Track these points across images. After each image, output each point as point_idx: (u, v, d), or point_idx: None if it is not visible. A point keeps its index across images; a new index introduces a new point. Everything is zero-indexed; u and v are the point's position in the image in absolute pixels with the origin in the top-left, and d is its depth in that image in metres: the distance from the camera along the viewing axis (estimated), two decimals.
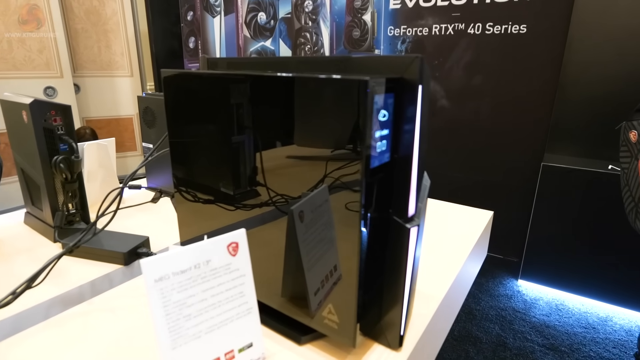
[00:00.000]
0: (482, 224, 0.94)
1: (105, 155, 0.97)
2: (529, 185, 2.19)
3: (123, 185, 0.63)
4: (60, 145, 0.77)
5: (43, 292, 0.63)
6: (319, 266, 0.50)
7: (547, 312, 2.00)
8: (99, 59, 3.52)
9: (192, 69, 3.57)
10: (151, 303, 0.41)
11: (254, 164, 0.52)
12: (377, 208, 0.47)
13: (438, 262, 0.75)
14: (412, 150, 0.45)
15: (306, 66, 0.51)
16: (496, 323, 1.92)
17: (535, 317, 1.96)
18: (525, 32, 2.10)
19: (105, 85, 3.57)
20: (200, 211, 0.62)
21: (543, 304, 2.07)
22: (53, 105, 0.76)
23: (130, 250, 0.72)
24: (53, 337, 0.54)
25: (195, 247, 0.44)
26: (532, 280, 2.23)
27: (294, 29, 2.90)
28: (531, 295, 2.15)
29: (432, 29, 2.34)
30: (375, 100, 0.40)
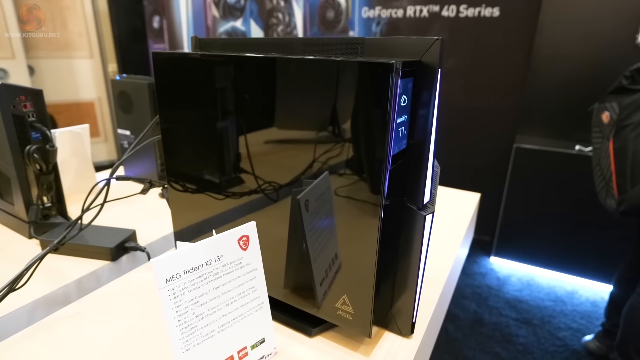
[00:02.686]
0: (472, 206, 0.95)
1: (80, 144, 0.91)
2: (501, 167, 2.26)
3: (109, 176, 0.58)
4: (32, 134, 0.71)
5: (24, 294, 0.58)
6: (323, 256, 0.49)
7: (519, 288, 2.10)
8: (55, 39, 3.28)
9: (157, 50, 3.40)
10: (163, 304, 0.38)
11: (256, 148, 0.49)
12: (392, 195, 0.45)
13: (437, 246, 0.76)
14: (429, 137, 0.43)
15: (314, 48, 0.48)
16: (472, 300, 2.00)
17: (508, 293, 2.06)
18: (498, 15, 2.13)
19: (63, 68, 3.33)
20: (195, 200, 0.58)
21: (515, 280, 2.17)
22: (23, 89, 0.69)
23: (117, 245, 0.68)
24: (42, 344, 0.50)
25: (206, 243, 0.41)
26: (504, 258, 2.33)
27: (266, 9, 2.81)
28: (504, 273, 2.24)
29: (407, 11, 2.32)
30: (398, 85, 0.38)
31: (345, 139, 0.42)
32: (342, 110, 0.41)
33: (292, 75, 0.44)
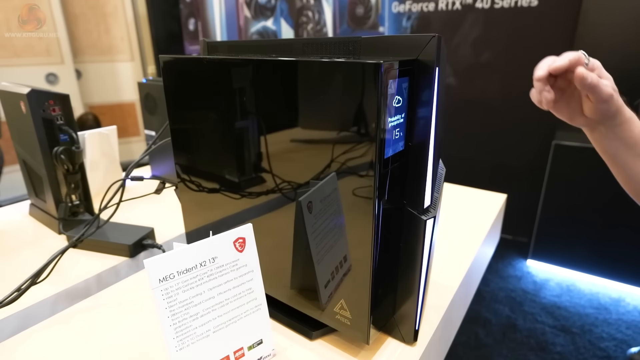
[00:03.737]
0: (496, 208, 0.91)
1: (107, 144, 0.95)
2: (539, 164, 2.14)
3: (125, 177, 0.61)
4: (60, 136, 0.75)
5: (48, 288, 0.61)
6: (328, 257, 0.48)
7: (558, 293, 1.99)
8: (99, 44, 3.47)
9: (192, 52, 3.51)
10: (156, 304, 0.39)
11: (259, 150, 0.50)
12: (391, 199, 0.44)
13: (452, 250, 0.73)
14: (428, 138, 0.42)
15: (313, 48, 0.47)
16: (506, 305, 1.91)
17: (545, 298, 1.95)
18: (536, 5, 2.01)
19: (107, 71, 3.52)
20: (204, 200, 0.60)
21: (553, 284, 2.06)
22: (51, 94, 0.73)
23: (135, 242, 0.71)
24: (59, 334, 0.53)
25: (201, 245, 0.42)
26: (542, 261, 2.21)
27: (296, 7, 2.82)
28: (541, 276, 2.13)
29: (439, 4, 2.25)
30: (389, 86, 0.37)
31: (339, 141, 0.41)
32: (333, 112, 0.40)
33: (284, 77, 0.43)
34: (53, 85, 3.18)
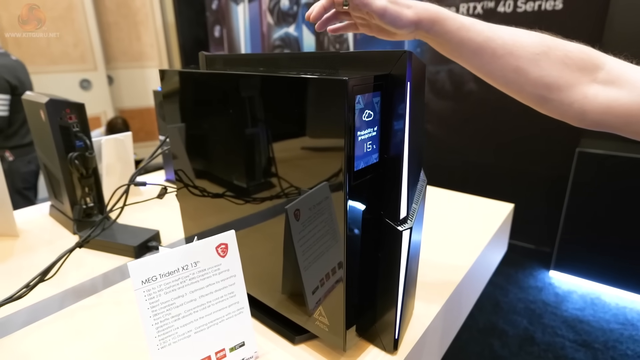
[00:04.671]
0: (500, 218, 0.90)
1: (123, 149, 1.00)
2: (563, 172, 2.07)
3: (129, 183, 0.65)
4: (76, 142, 0.80)
5: (58, 284, 0.66)
6: (318, 264, 0.49)
7: (581, 306, 1.91)
8: (130, 51, 3.62)
9: None
10: (139, 304, 0.42)
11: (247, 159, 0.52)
12: (368, 209, 0.45)
13: (448, 258, 0.73)
14: (402, 151, 0.42)
15: (297, 63, 0.49)
16: (524, 316, 1.86)
17: (567, 312, 1.88)
18: (561, 8, 1.96)
19: (137, 76, 3.68)
20: (201, 207, 0.62)
21: (576, 297, 1.98)
22: (68, 103, 0.78)
23: (140, 244, 0.75)
24: (62, 329, 0.57)
25: (183, 249, 0.44)
26: (565, 272, 2.13)
27: None
28: (564, 288, 2.05)
29: (460, 9, 2.22)
30: (357, 100, 0.38)
31: (314, 153, 0.43)
32: (306, 125, 0.42)
33: (263, 91, 0.45)
34: (87, 91, 3.35)
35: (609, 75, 0.42)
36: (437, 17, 0.46)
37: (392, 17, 0.46)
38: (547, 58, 0.43)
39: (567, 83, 0.43)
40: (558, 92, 0.44)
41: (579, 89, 0.43)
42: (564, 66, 0.43)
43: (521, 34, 0.45)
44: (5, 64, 1.75)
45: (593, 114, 0.43)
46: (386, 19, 0.46)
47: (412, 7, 0.46)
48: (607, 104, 0.42)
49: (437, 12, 0.46)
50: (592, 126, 0.44)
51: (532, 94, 0.45)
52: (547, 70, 0.43)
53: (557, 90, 0.43)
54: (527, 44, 0.44)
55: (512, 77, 0.45)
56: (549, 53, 0.43)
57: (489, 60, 0.45)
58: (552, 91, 0.44)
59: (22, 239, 0.84)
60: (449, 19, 0.46)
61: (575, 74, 0.43)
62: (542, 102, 0.45)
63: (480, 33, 0.45)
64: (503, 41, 0.45)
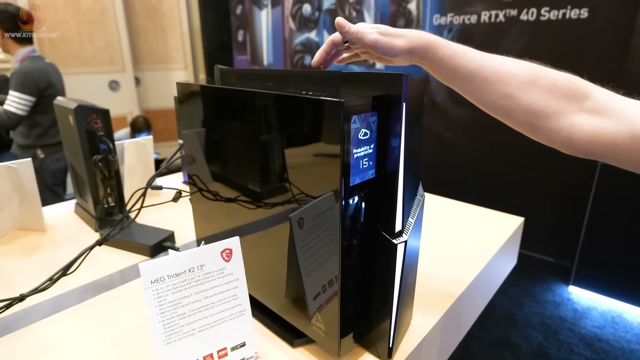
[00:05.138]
0: (508, 231, 0.90)
1: (144, 152, 1.06)
2: (584, 183, 2.02)
3: (146, 186, 0.69)
4: (100, 145, 0.85)
5: (79, 278, 0.71)
6: (320, 271, 0.51)
7: (601, 324, 1.86)
8: (157, 54, 3.75)
9: (240, 61, 3.69)
10: (148, 302, 0.45)
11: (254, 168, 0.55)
12: (365, 222, 0.47)
13: (451, 272, 0.74)
14: (398, 167, 0.44)
15: (303, 80, 0.52)
16: (539, 331, 1.82)
17: (585, 329, 1.83)
18: (586, 16, 1.92)
19: (162, 78, 3.80)
20: (212, 211, 0.66)
21: (596, 314, 1.93)
22: (94, 109, 0.83)
23: (155, 244, 0.79)
24: (80, 321, 0.61)
25: (190, 253, 0.47)
26: (585, 287, 2.08)
27: None
28: (583, 304, 2.00)
29: (481, 17, 2.21)
30: (353, 120, 0.40)
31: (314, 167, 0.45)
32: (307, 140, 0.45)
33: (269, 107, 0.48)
34: (115, 91, 3.48)
35: (595, 105, 0.43)
36: (429, 45, 0.48)
37: (385, 48, 0.49)
38: (535, 86, 0.45)
39: (555, 111, 0.44)
40: (546, 120, 0.45)
41: (566, 118, 0.44)
42: (552, 95, 0.44)
43: (511, 62, 0.47)
44: (38, 67, 1.85)
45: (580, 142, 0.44)
46: (379, 50, 0.49)
47: (404, 37, 0.48)
48: (593, 133, 0.43)
49: (429, 40, 0.48)
50: (581, 154, 0.45)
51: (521, 120, 0.46)
52: (535, 98, 0.45)
53: (545, 118, 0.45)
54: (516, 72, 0.46)
55: (502, 104, 0.47)
56: (537, 82, 0.45)
57: (479, 86, 0.47)
58: (540, 119, 0.45)
59: (49, 234, 0.90)
60: (441, 46, 0.48)
61: (562, 103, 0.44)
62: (531, 129, 0.47)
63: (471, 61, 0.47)
64: (493, 69, 0.46)
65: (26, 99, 1.80)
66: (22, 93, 1.79)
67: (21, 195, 0.86)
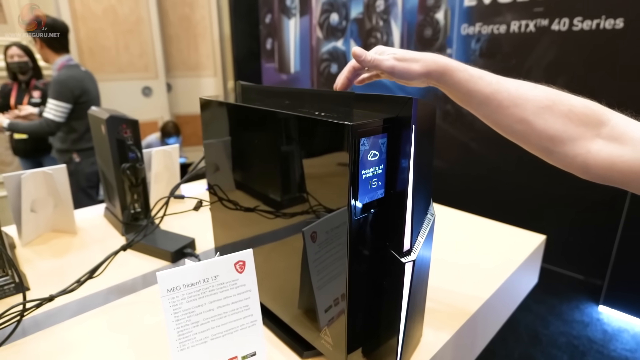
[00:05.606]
0: (528, 249, 0.88)
1: (170, 160, 1.10)
2: (618, 197, 1.94)
3: (169, 196, 0.72)
4: (129, 154, 0.90)
5: (105, 281, 0.74)
6: (332, 285, 0.52)
7: (632, 348, 1.77)
8: (188, 61, 3.88)
9: (268, 69, 3.76)
10: (164, 309, 0.47)
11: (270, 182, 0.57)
12: (375, 240, 0.48)
13: (466, 289, 0.73)
14: (407, 187, 0.45)
15: (318, 98, 0.54)
16: (565, 352, 1.75)
17: (615, 352, 1.75)
18: (622, 26, 1.85)
19: (192, 85, 3.92)
20: (230, 221, 0.68)
21: (628, 336, 1.84)
22: (124, 120, 0.88)
23: (176, 250, 0.82)
24: (104, 322, 0.65)
25: (205, 264, 0.50)
26: (616, 308, 1.98)
27: (365, 29, 2.90)
28: (613, 325, 1.91)
29: (510, 26, 2.17)
30: (362, 142, 0.41)
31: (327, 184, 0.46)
32: (319, 159, 0.46)
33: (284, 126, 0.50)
34: (147, 97, 3.62)
35: (613, 132, 0.43)
36: (445, 69, 0.49)
37: (401, 73, 0.50)
38: (551, 112, 0.45)
39: (571, 137, 0.44)
40: (562, 145, 0.44)
41: (582, 144, 0.44)
42: (568, 120, 0.44)
43: (527, 87, 0.47)
44: (74, 75, 1.95)
45: (596, 169, 0.43)
46: (396, 75, 0.51)
47: (421, 61, 0.49)
48: (610, 160, 0.42)
49: (445, 64, 0.49)
50: (597, 180, 0.44)
51: (537, 145, 0.46)
52: (551, 124, 0.44)
53: (560, 143, 0.44)
54: (531, 97, 0.46)
55: (518, 128, 0.47)
56: (553, 107, 0.45)
57: (495, 110, 0.47)
58: (556, 144, 0.45)
59: (79, 236, 0.95)
60: (457, 70, 0.48)
61: (579, 129, 0.44)
62: (547, 154, 0.47)
63: (487, 85, 0.47)
64: (509, 93, 0.46)
65: (63, 106, 1.91)
66: (59, 100, 1.89)
67: (55, 199, 0.91)
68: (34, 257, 0.84)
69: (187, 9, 3.73)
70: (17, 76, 2.20)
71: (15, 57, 2.14)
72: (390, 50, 0.52)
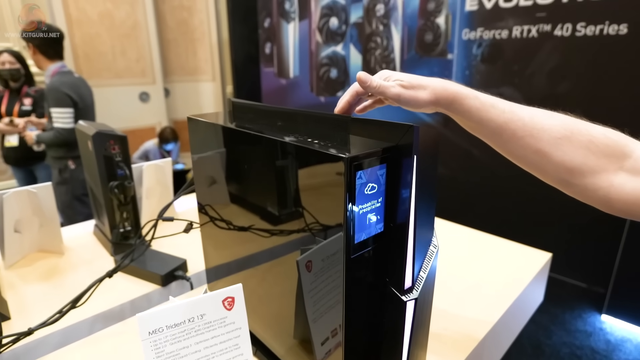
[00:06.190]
0: (535, 269, 0.84)
1: (162, 174, 1.06)
2: None
3: (157, 218, 0.68)
4: (118, 171, 0.86)
5: (91, 307, 0.70)
6: (329, 315, 0.49)
7: (635, 358, 1.73)
8: (187, 66, 3.85)
9: (267, 73, 3.72)
10: (145, 353, 0.44)
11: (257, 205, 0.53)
12: (373, 275, 0.44)
13: (473, 312, 0.70)
14: (408, 221, 0.41)
15: (312, 121, 0.50)
16: None
17: None
18: (626, 32, 1.82)
19: (191, 89, 3.89)
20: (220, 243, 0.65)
21: (631, 347, 1.80)
22: (112, 135, 0.84)
23: (167, 273, 0.78)
24: (87, 356, 0.61)
25: (190, 303, 0.46)
26: (619, 317, 1.94)
27: (365, 33, 2.86)
28: (617, 335, 1.87)
29: (513, 32, 2.13)
30: (358, 176, 0.38)
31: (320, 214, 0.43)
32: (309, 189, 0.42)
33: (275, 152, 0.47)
34: (145, 103, 3.59)
35: (637, 164, 0.39)
36: (455, 97, 0.45)
37: (408, 101, 0.47)
38: (569, 142, 0.41)
39: (591, 169, 0.40)
40: (581, 178, 0.41)
41: (604, 177, 0.40)
42: (588, 152, 0.41)
43: (542, 115, 0.44)
44: (68, 81, 1.91)
45: (620, 204, 0.40)
46: (402, 103, 0.48)
47: (428, 88, 0.46)
48: (635, 195, 0.39)
49: (454, 92, 0.45)
50: (620, 214, 0.41)
51: (554, 177, 0.43)
52: (570, 155, 0.41)
53: (580, 175, 0.41)
54: (548, 126, 0.42)
55: (533, 159, 0.43)
56: (571, 138, 0.41)
57: (508, 140, 0.44)
58: (575, 176, 0.41)
59: (67, 256, 0.91)
60: (467, 98, 0.45)
61: (600, 161, 0.40)
62: (565, 186, 0.43)
63: (500, 114, 0.44)
64: (523, 123, 0.43)
65: (67, 112, 1.88)
66: (61, 107, 1.86)
67: (41, 218, 0.88)
68: (17, 281, 0.81)
69: (185, 13, 3.70)
70: (9, 83, 2.16)
71: (6, 64, 2.10)
72: (397, 75, 0.49)
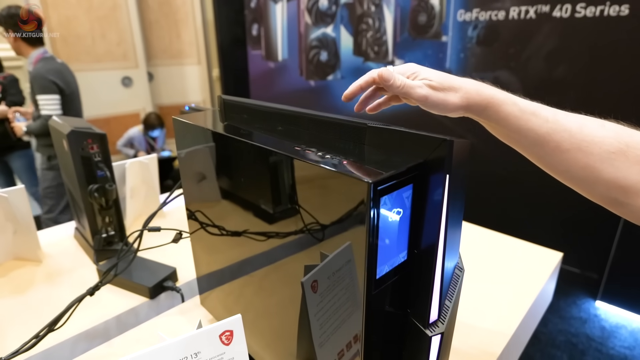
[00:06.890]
0: (547, 270, 0.80)
1: (147, 172, 0.99)
2: None
3: (142, 229, 0.61)
4: (97, 172, 0.78)
5: (72, 326, 0.64)
6: (337, 336, 0.44)
7: (631, 345, 1.75)
8: (170, 48, 3.68)
9: (254, 56, 3.59)
10: None
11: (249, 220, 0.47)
12: (393, 307, 0.39)
13: (488, 323, 0.65)
14: (436, 248, 0.36)
15: (319, 126, 0.43)
16: (564, 351, 1.72)
17: (614, 349, 1.73)
18: (627, 13, 1.76)
19: (175, 73, 3.74)
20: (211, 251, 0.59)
21: (626, 333, 1.81)
22: (89, 134, 0.76)
23: (155, 285, 0.72)
24: None
25: (183, 340, 0.40)
26: (614, 303, 1.96)
27: (356, 14, 2.75)
28: (611, 322, 1.89)
29: (510, 13, 2.06)
30: (383, 202, 0.32)
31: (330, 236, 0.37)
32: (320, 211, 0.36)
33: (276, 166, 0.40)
34: (128, 88, 3.44)
35: None
36: (490, 102, 0.39)
37: (435, 104, 0.40)
38: (624, 158, 0.35)
39: None
40: (636, 197, 0.35)
41: None
42: None
43: (592, 126, 0.37)
44: (52, 68, 1.80)
45: None
46: (428, 106, 0.41)
47: (460, 91, 0.39)
48: None
49: (490, 96, 0.39)
50: None
51: (604, 195, 0.37)
52: (624, 172, 0.35)
53: (634, 194, 0.35)
54: (599, 139, 0.36)
55: (580, 175, 0.37)
56: (627, 152, 0.35)
57: (551, 152, 0.38)
58: (630, 195, 0.36)
59: (45, 264, 0.84)
60: (504, 104, 0.39)
61: None
62: (615, 205, 0.37)
63: (543, 123, 0.38)
64: (570, 134, 0.37)
65: (54, 98, 1.78)
66: (48, 94, 1.76)
67: (14, 224, 0.80)
68: None
69: None
70: None
71: None
72: (425, 73, 0.42)
